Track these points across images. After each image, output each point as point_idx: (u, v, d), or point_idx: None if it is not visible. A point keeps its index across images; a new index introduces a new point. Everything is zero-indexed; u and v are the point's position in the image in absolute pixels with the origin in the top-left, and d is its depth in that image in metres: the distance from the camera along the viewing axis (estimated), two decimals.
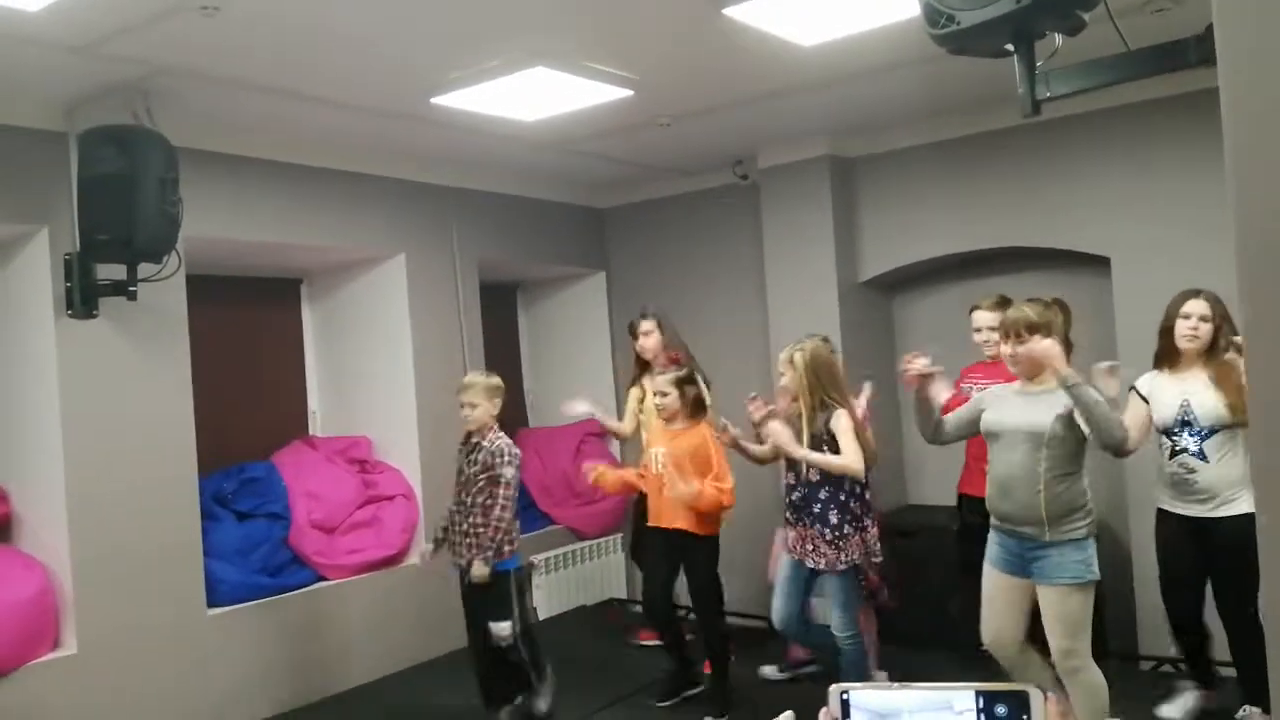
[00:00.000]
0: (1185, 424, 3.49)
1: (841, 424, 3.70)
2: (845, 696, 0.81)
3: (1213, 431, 3.44)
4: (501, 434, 3.97)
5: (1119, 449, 3.14)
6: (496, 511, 3.82)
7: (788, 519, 3.86)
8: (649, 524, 4.26)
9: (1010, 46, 1.77)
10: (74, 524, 3.84)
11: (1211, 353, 3.49)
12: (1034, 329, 3.21)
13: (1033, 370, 3.27)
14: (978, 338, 4.21)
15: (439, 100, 4.08)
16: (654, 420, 4.66)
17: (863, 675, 3.76)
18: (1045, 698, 0.77)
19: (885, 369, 5.56)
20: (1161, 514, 3.64)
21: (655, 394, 4.17)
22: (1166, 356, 3.60)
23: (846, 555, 3.69)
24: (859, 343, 5.36)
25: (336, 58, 3.60)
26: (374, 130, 4.57)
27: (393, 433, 5.22)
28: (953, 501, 4.50)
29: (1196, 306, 3.50)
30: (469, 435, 4.02)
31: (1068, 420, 3.15)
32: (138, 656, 3.97)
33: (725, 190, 5.86)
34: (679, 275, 6.11)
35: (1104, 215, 4.68)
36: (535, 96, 4.13)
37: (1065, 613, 3.18)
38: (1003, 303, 4.08)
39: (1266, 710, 3.41)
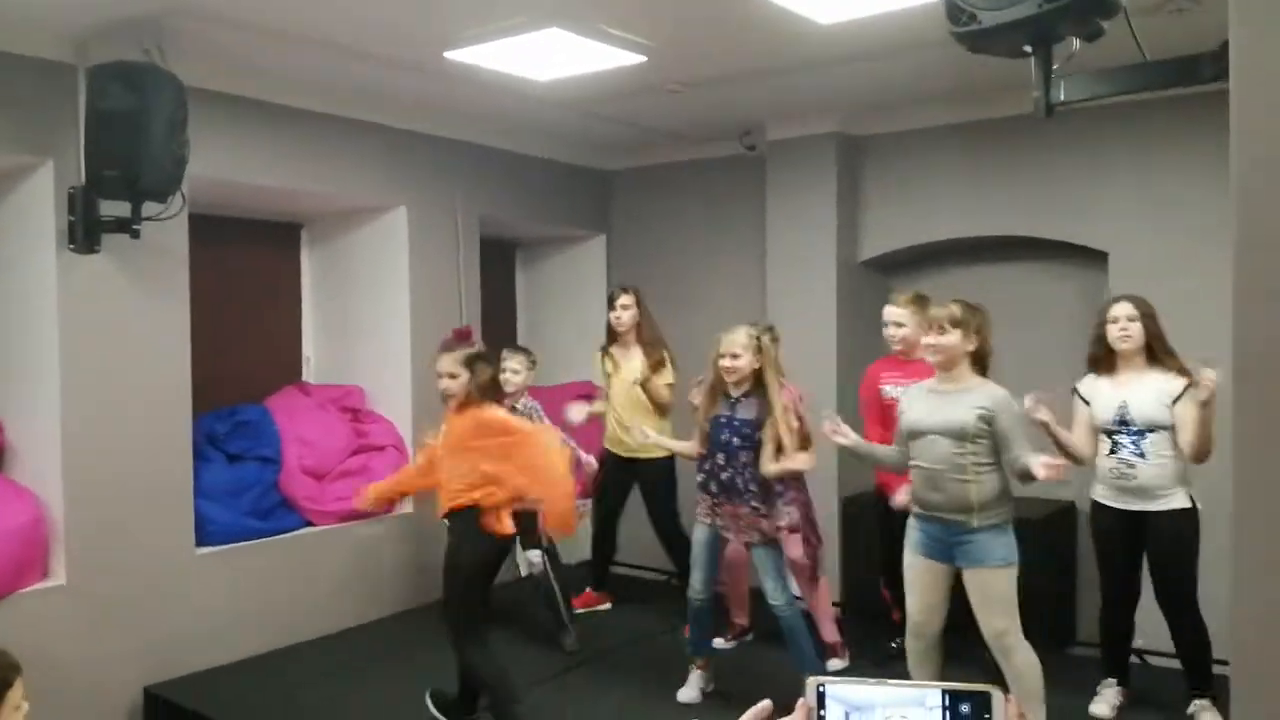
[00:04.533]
0: (1123, 423, 3.63)
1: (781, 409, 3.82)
2: (821, 689, 0.86)
3: (1148, 431, 3.58)
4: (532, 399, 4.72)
5: (1026, 483, 3.30)
6: None
7: (710, 496, 3.90)
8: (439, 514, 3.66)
9: (1028, 49, 1.79)
10: (67, 456, 3.88)
11: (1151, 353, 3.64)
12: (957, 324, 3.39)
13: (950, 363, 3.42)
14: (886, 332, 4.27)
15: (452, 55, 4.06)
16: (620, 391, 4.98)
17: (804, 640, 3.84)
18: (1006, 699, 0.82)
19: (878, 348, 5.61)
20: (1099, 507, 3.76)
21: (440, 375, 3.58)
22: (1102, 361, 3.73)
23: (773, 523, 3.85)
24: (853, 321, 5.40)
25: (353, 5, 3.58)
26: (384, 80, 4.55)
27: (386, 384, 5.26)
28: None
29: (1122, 309, 3.68)
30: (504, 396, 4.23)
31: (987, 418, 3.30)
32: (125, 590, 4.03)
33: (731, 160, 5.86)
34: (680, 242, 6.12)
35: (1106, 210, 4.71)
36: (549, 57, 4.11)
37: (995, 594, 3.33)
38: (918, 299, 4.21)
39: (1213, 697, 3.54)
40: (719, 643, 4.49)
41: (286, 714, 3.85)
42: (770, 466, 3.74)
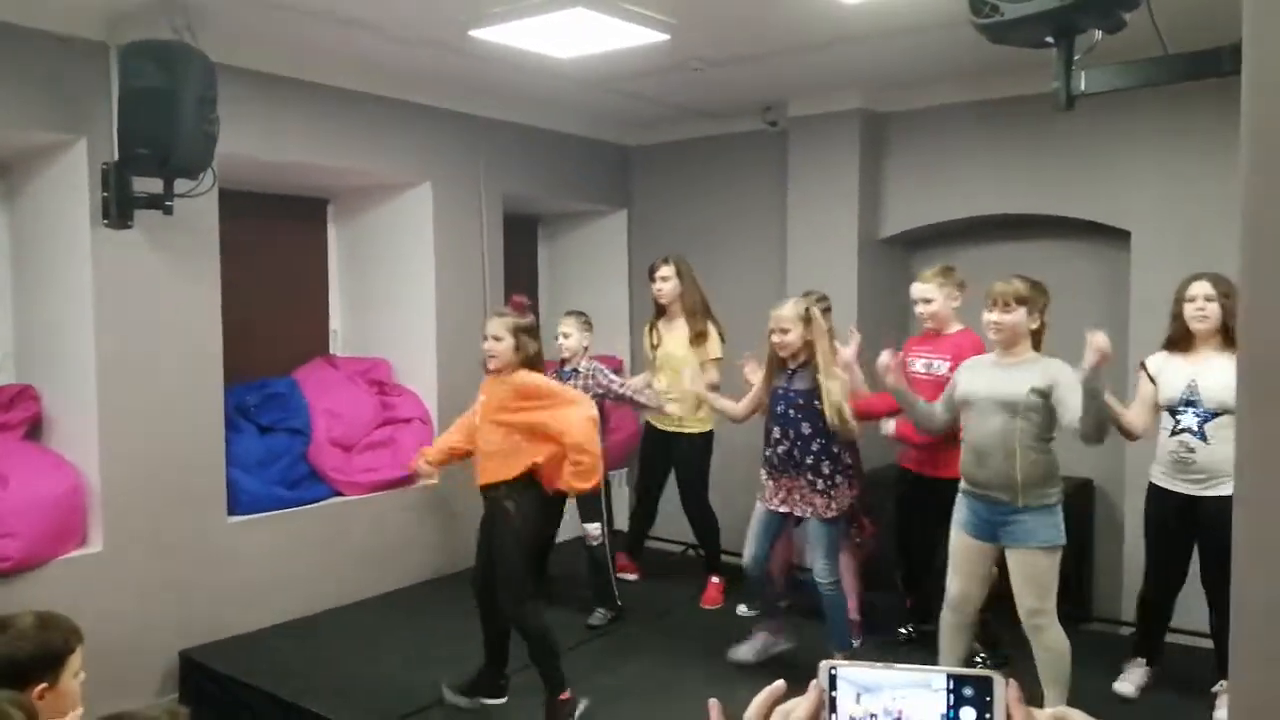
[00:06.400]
0: (1190, 403, 3.55)
1: (839, 383, 3.86)
2: (833, 671, 0.91)
3: (1215, 414, 3.51)
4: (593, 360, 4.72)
5: (1095, 443, 3.24)
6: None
7: (771, 471, 3.96)
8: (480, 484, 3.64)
9: (1050, 40, 1.81)
10: (103, 426, 3.98)
11: (1228, 333, 3.53)
12: (1022, 301, 3.36)
13: (1011, 341, 3.39)
14: (915, 309, 4.19)
15: (476, 33, 4.09)
16: (665, 363, 4.86)
17: (843, 617, 3.94)
18: (1006, 683, 0.87)
19: (898, 325, 5.63)
20: (1155, 490, 3.74)
21: (485, 338, 3.58)
22: (1179, 340, 3.65)
23: (836, 504, 3.84)
24: (874, 298, 5.43)
25: None
26: (408, 57, 4.58)
27: (411, 357, 5.33)
28: None
29: (1200, 288, 3.58)
30: (563, 362, 4.55)
31: (1043, 393, 3.28)
32: (160, 557, 4.15)
33: (753, 136, 5.86)
34: (700, 218, 6.14)
35: (1129, 189, 4.70)
36: (572, 35, 4.13)
37: (1035, 575, 3.33)
38: (944, 271, 4.13)
39: None
40: (742, 609, 4.58)
41: (316, 677, 3.96)
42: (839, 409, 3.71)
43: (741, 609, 4.66)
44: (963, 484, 3.50)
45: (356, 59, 4.61)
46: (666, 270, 4.95)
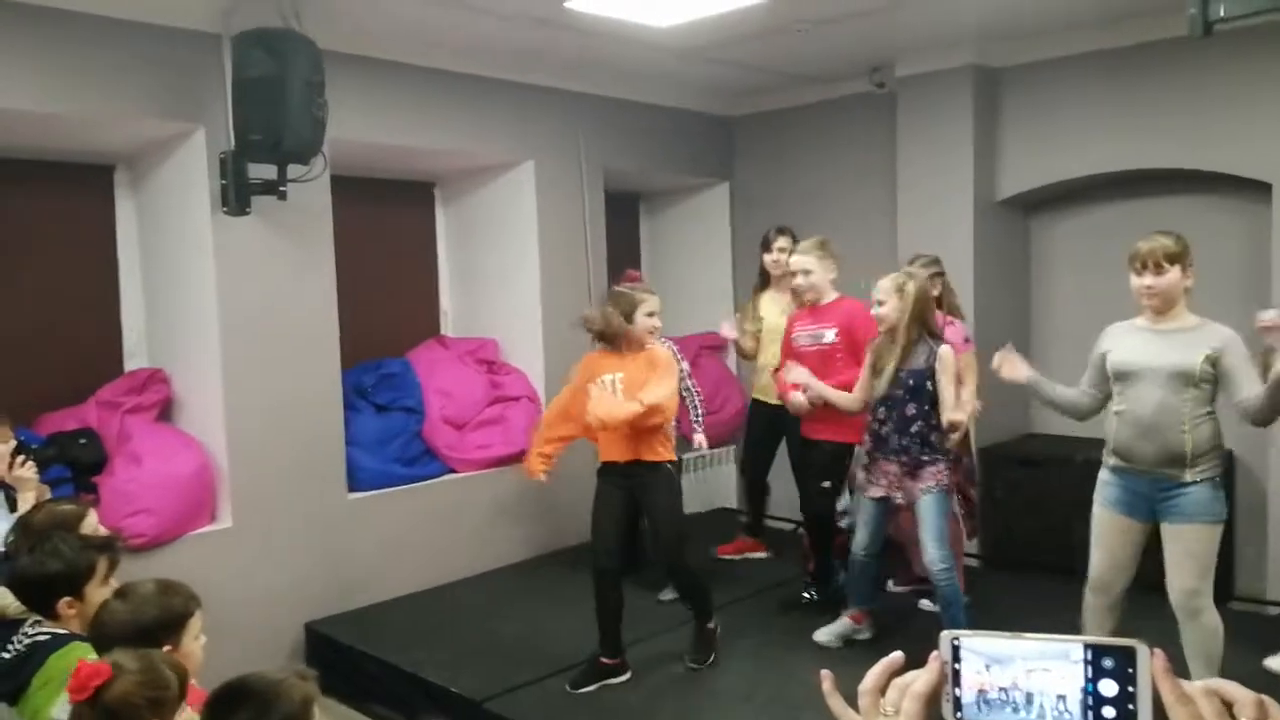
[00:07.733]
0: None
1: (949, 360, 3.66)
2: (956, 642, 0.84)
3: None
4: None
5: (1263, 425, 3.06)
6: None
7: (870, 453, 3.84)
8: (602, 460, 3.78)
9: None
10: (229, 408, 4.14)
11: None
12: (1174, 258, 3.08)
13: (1168, 304, 3.12)
14: (794, 283, 4.25)
15: (573, 5, 4.06)
16: (772, 337, 4.76)
17: (957, 609, 3.68)
18: (1152, 652, 0.79)
19: (1018, 292, 5.41)
20: None
21: (654, 314, 3.69)
22: None
23: (924, 484, 3.68)
24: (993, 264, 5.21)
25: None
26: (507, 35, 4.59)
27: (518, 336, 5.38)
28: (1079, 432, 4.14)
29: None
30: None
31: (1215, 361, 3.05)
32: (285, 532, 4.30)
33: (859, 100, 5.69)
34: (805, 187, 6.00)
35: (1269, 138, 4.37)
36: (670, 1, 4.07)
37: (1199, 552, 3.12)
38: (823, 244, 4.21)
39: None
40: (890, 584, 4.46)
41: (436, 648, 4.05)
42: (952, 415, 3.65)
43: (890, 584, 4.54)
44: (1113, 460, 3.25)
45: (455, 39, 4.65)
46: (784, 242, 4.83)
